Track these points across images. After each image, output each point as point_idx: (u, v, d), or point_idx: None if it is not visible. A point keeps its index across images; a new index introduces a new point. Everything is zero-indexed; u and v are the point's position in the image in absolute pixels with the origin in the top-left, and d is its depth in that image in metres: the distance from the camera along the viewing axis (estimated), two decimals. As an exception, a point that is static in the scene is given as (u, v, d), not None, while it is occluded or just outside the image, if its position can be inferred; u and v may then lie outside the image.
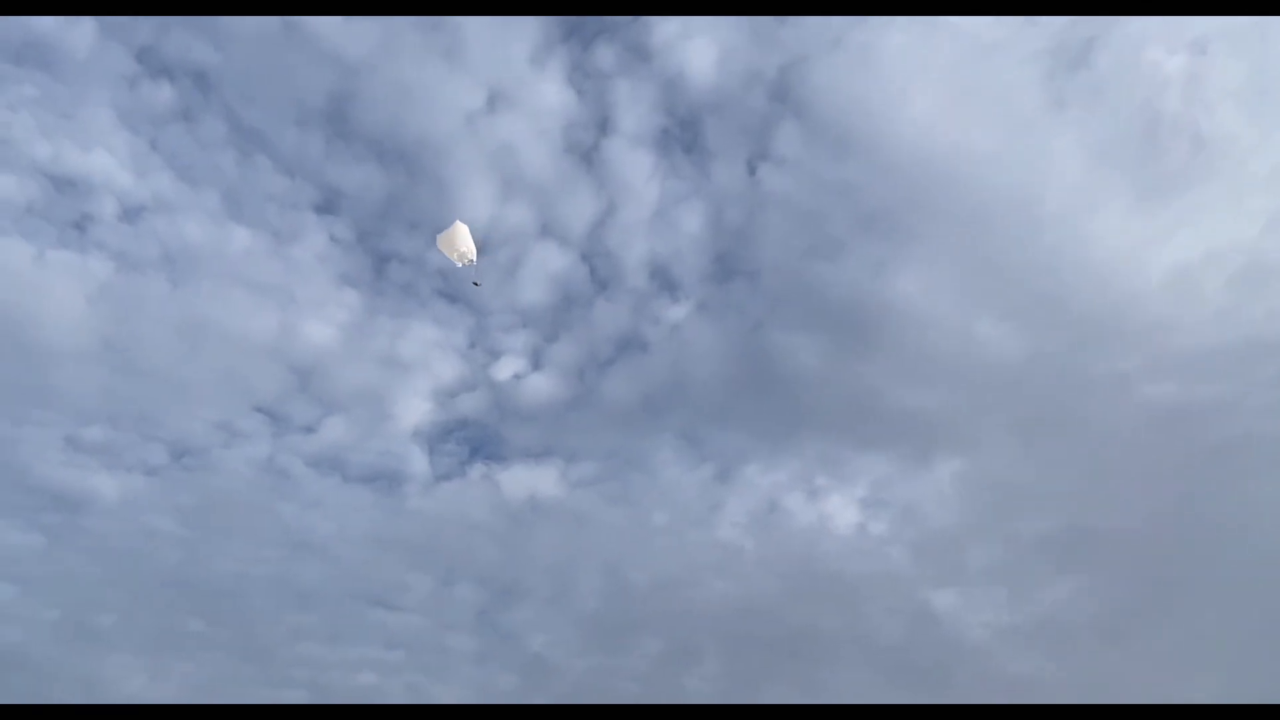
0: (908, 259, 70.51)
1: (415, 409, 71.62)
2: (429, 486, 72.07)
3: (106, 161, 64.45)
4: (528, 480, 72.74)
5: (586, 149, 73.97)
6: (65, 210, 63.79)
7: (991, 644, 64.13)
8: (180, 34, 65.81)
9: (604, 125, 73.74)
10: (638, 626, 69.59)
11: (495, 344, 75.05)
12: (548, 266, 74.80)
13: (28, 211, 62.49)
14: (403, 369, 72.24)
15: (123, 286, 65.22)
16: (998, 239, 69.00)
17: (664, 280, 76.80)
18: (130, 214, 65.91)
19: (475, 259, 18.62)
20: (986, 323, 68.87)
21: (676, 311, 75.74)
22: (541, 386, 74.72)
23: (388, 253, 73.21)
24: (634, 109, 73.40)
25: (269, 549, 67.56)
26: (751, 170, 74.20)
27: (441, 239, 18.65)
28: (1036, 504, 67.39)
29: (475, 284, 17.72)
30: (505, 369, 74.18)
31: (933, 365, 69.63)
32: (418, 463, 71.57)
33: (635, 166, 73.52)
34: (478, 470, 73.98)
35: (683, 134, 75.25)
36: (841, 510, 71.55)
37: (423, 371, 72.16)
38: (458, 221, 19.03)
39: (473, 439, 75.99)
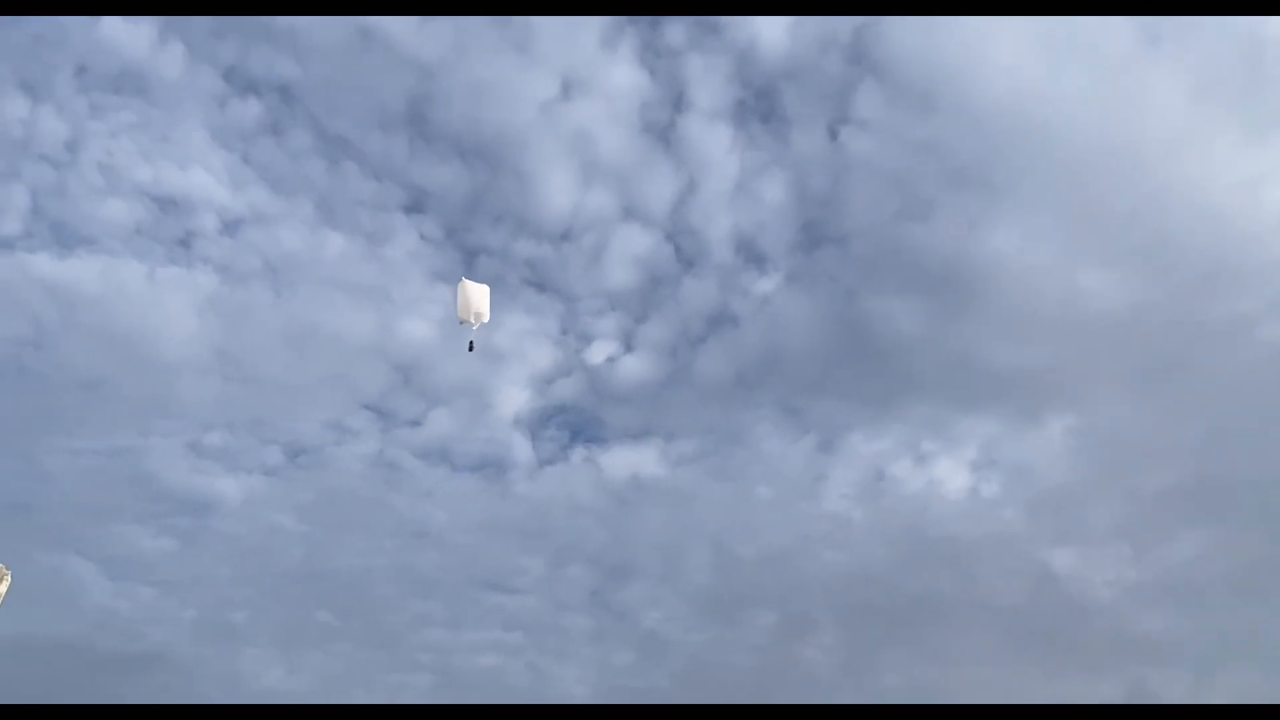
0: (1002, 213, 68.93)
1: (514, 397, 72.72)
2: (533, 472, 73.16)
3: (204, 179, 66.69)
4: (629, 461, 73.31)
5: (663, 128, 73.94)
6: (170, 228, 66.27)
7: (1118, 603, 62.69)
8: (262, 50, 67.75)
9: (678, 102, 73.63)
10: (750, 599, 69.74)
11: (586, 329, 75.71)
12: (632, 248, 75.07)
13: (136, 232, 65.09)
14: (499, 359, 73.33)
15: (229, 298, 67.54)
16: (1096, 185, 66.95)
17: (750, 253, 76.45)
18: (230, 227, 68.14)
19: (482, 321, 18.05)
20: (1090, 273, 66.98)
21: (766, 284, 75.38)
22: (635, 368, 75.18)
23: (476, 247, 74.36)
24: (707, 83, 73.12)
25: (387, 540, 69.45)
26: (833, 135, 73.29)
27: (467, 292, 18.01)
28: (1157, 457, 65.50)
29: (470, 347, 17.33)
30: (598, 353, 74.81)
31: (1036, 321, 68.01)
32: (521, 449, 72.71)
33: (713, 141, 73.29)
34: (579, 454, 74.83)
35: (759, 104, 74.73)
36: (951, 474, 70.54)
37: (518, 360, 73.21)
38: (484, 286, 18.68)
39: (572, 423, 76.85)
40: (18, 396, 63.94)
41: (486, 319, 18.00)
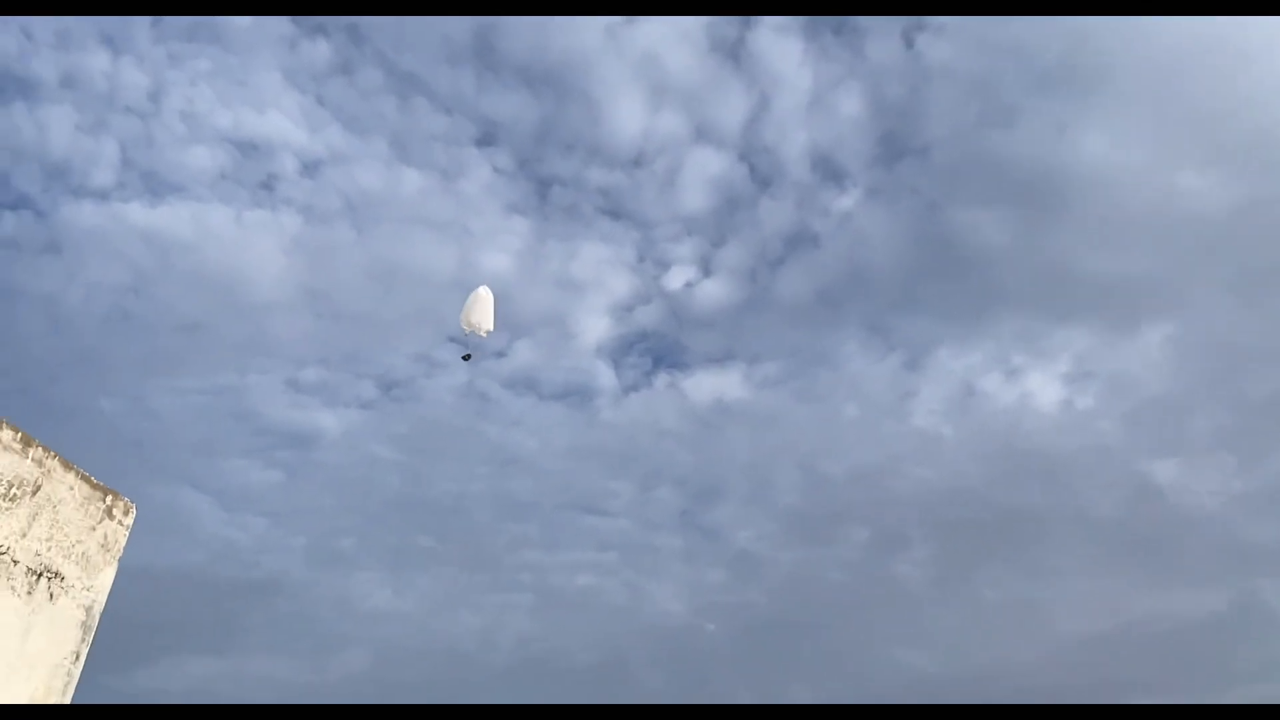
0: (1092, 116, 65.55)
1: (595, 326, 73.30)
2: (618, 399, 74.07)
3: (281, 122, 67.77)
4: (712, 385, 73.56)
5: (731, 44, 72.03)
6: (252, 172, 67.79)
7: (1223, 513, 60.95)
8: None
9: (746, 17, 71.41)
10: (841, 517, 70.02)
11: (663, 255, 75.39)
12: (706, 171, 73.97)
13: (221, 177, 66.80)
14: (578, 289, 73.81)
15: (313, 238, 69.19)
16: (1193, 80, 63.01)
17: (828, 170, 74.67)
18: (309, 169, 69.37)
19: (486, 332, 16.97)
20: (1189, 174, 63.52)
21: (845, 201, 73.67)
22: (714, 292, 74.80)
23: (548, 177, 74.25)
24: (779, -6, 70.36)
25: (480, 467, 71.56)
26: (909, 43, 70.42)
27: (476, 302, 16.83)
28: (1262, 363, 62.74)
29: (465, 357, 16.47)
30: (676, 278, 74.57)
31: (1132, 226, 65.09)
32: (604, 377, 73.54)
33: (784, 55, 71.13)
34: (662, 379, 75.32)
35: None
36: (1043, 387, 68.91)
37: (597, 289, 73.55)
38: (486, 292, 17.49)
39: (654, 350, 77.22)
40: (124, 341, 67.22)
41: (490, 328, 17.10)
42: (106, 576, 9.21)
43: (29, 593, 8.40)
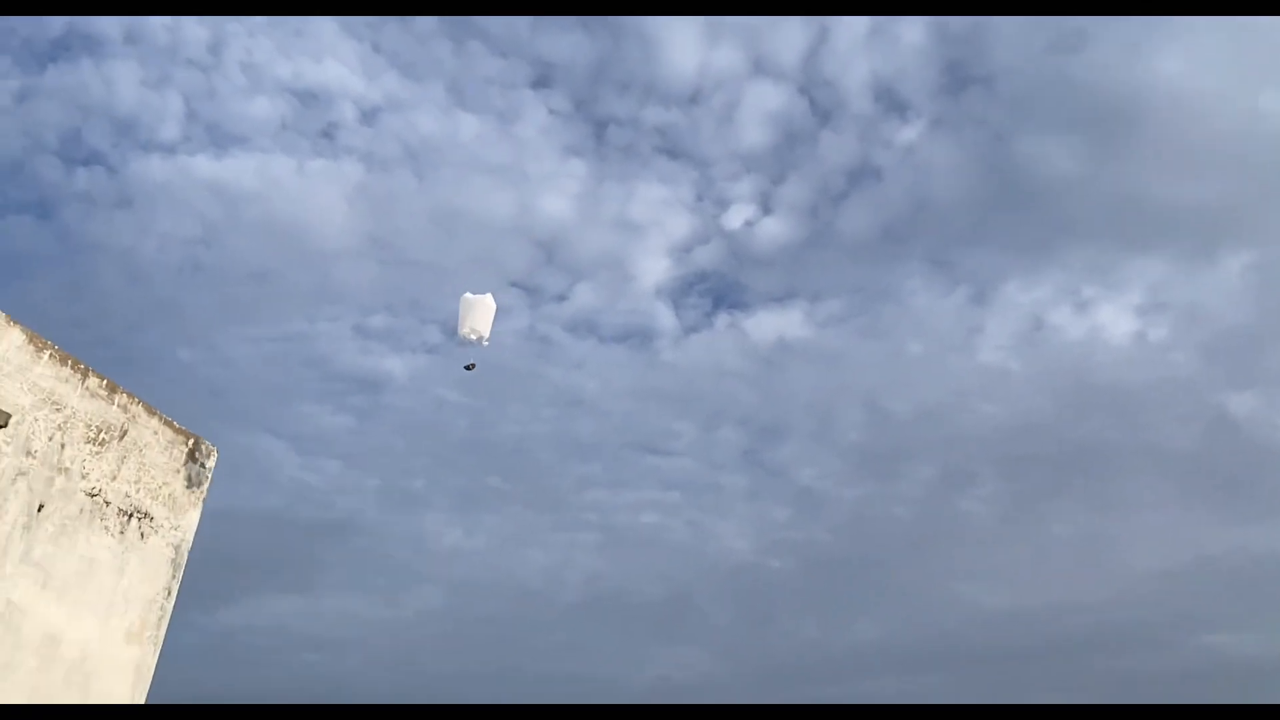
0: (1167, 35, 62.40)
1: (654, 267, 73.01)
2: (679, 340, 74.01)
3: (339, 70, 67.96)
4: (774, 324, 73.00)
5: (793, -28, 69.81)
6: (313, 121, 68.31)
7: (1304, 444, 59.03)
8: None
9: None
10: (905, 454, 69.51)
11: (722, 193, 74.38)
12: (765, 105, 72.37)
13: (283, 128, 67.49)
14: (637, 230, 73.43)
15: (374, 185, 69.77)
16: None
17: (891, 101, 72.50)
18: (368, 116, 69.66)
19: (483, 340, 16.15)
20: (1271, 94, 60.31)
21: (908, 132, 71.60)
22: (775, 230, 73.74)
23: (604, 117, 73.41)
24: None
25: (544, 409, 72.41)
26: (977, -35, 67.43)
27: (467, 307, 15.94)
28: (1351, 289, 60.05)
29: (468, 367, 15.73)
30: (735, 217, 73.57)
31: (1209, 151, 62.20)
32: (665, 318, 73.44)
33: (847, -19, 68.65)
34: (723, 320, 74.95)
35: (894, -64, 69.18)
36: (1115, 320, 66.98)
37: (656, 230, 73.07)
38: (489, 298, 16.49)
39: (714, 290, 76.77)
40: (198, 291, 69.00)
41: (486, 337, 16.40)
42: (192, 517, 9.61)
43: (121, 532, 8.83)
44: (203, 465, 9.86)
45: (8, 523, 7.75)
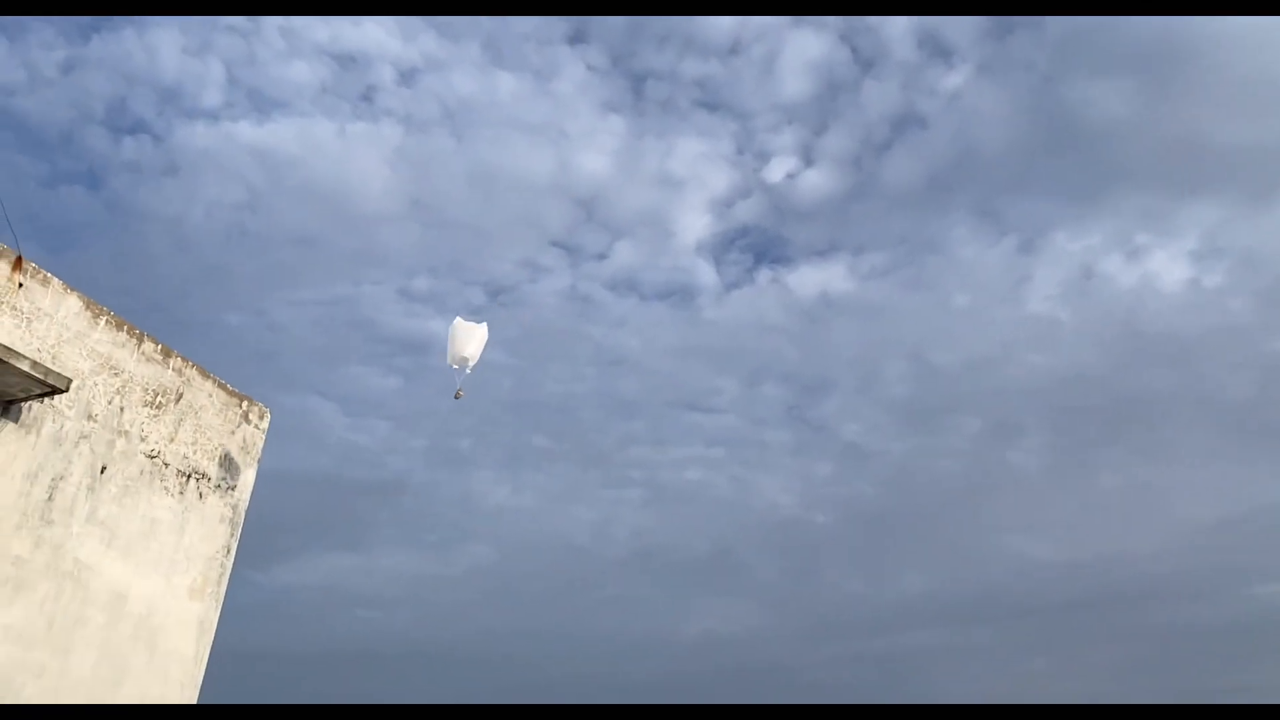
0: (1228, -33, 59.94)
1: (694, 224, 72.49)
2: (720, 296, 73.65)
3: (376, 32, 67.76)
4: (816, 279, 72.29)
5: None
6: (352, 84, 68.38)
7: (1365, 392, 57.44)
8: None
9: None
10: (951, 407, 68.86)
11: (763, 146, 73.33)
12: (805, 55, 70.91)
13: (322, 91, 67.64)
14: (676, 186, 72.81)
15: (414, 147, 69.84)
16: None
17: (935, 47, 70.64)
18: (406, 78, 69.51)
19: (468, 368, 15.40)
20: (1338, 25, 57.77)
21: (953, 79, 69.82)
22: (817, 182, 72.66)
23: (642, 71, 72.48)
24: None
25: (587, 368, 72.73)
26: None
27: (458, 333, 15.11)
28: None
29: (458, 395, 15.11)
30: (777, 170, 72.55)
31: (1269, 89, 59.98)
32: (705, 275, 73.06)
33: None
34: (765, 275, 74.37)
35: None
36: (1168, 267, 65.30)
37: (696, 185, 72.38)
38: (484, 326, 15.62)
39: (755, 245, 76.07)
40: (245, 256, 69.94)
41: (474, 363, 15.76)
42: (248, 477, 9.84)
43: (181, 493, 9.07)
44: (256, 427, 10.06)
45: (72, 484, 7.99)
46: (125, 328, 8.71)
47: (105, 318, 8.50)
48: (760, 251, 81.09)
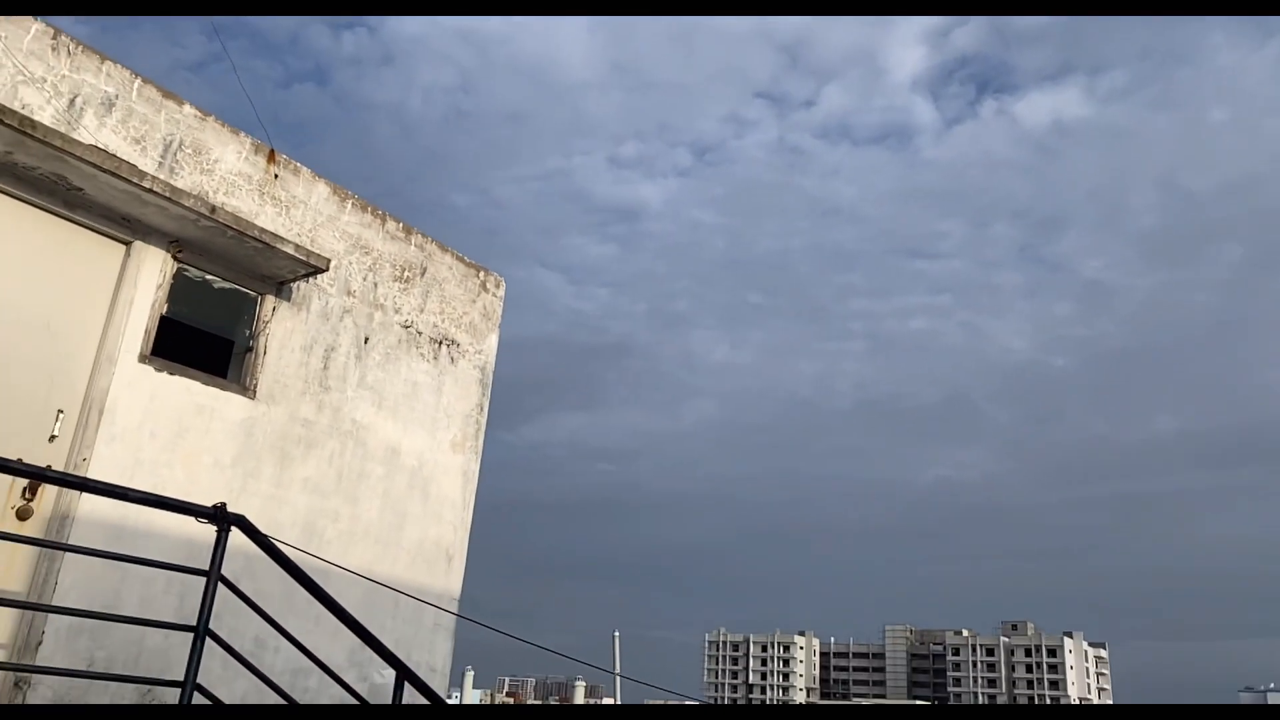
0: None
1: (908, 58, 68.30)
2: (940, 134, 69.83)
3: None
4: (1048, 105, 67.09)
5: None
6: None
7: None
8: None
9: None
10: (1207, 236, 62.69)
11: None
12: None
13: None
14: (885, 18, 67.92)
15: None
16: None
17: None
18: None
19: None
20: None
21: None
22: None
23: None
24: None
25: (800, 221, 71.77)
26: None
27: None
28: None
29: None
30: (1001, -15, 65.80)
31: None
32: (923, 112, 69.37)
33: None
34: (989, 106, 69.55)
35: None
36: None
37: (907, 15, 67.07)
38: None
39: (977, 75, 70.98)
40: (463, 138, 73.06)
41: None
42: (491, 341, 10.55)
43: (435, 358, 9.88)
44: (494, 295, 10.71)
45: (342, 354, 8.88)
46: (369, 209, 9.38)
47: (351, 201, 9.16)
48: (983, 81, 75.57)
